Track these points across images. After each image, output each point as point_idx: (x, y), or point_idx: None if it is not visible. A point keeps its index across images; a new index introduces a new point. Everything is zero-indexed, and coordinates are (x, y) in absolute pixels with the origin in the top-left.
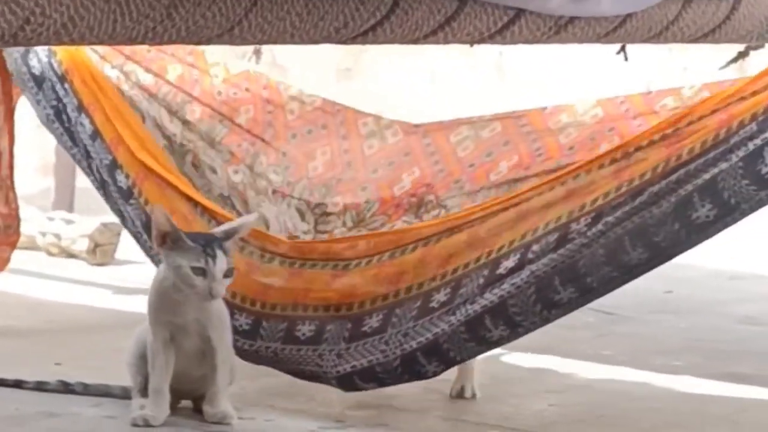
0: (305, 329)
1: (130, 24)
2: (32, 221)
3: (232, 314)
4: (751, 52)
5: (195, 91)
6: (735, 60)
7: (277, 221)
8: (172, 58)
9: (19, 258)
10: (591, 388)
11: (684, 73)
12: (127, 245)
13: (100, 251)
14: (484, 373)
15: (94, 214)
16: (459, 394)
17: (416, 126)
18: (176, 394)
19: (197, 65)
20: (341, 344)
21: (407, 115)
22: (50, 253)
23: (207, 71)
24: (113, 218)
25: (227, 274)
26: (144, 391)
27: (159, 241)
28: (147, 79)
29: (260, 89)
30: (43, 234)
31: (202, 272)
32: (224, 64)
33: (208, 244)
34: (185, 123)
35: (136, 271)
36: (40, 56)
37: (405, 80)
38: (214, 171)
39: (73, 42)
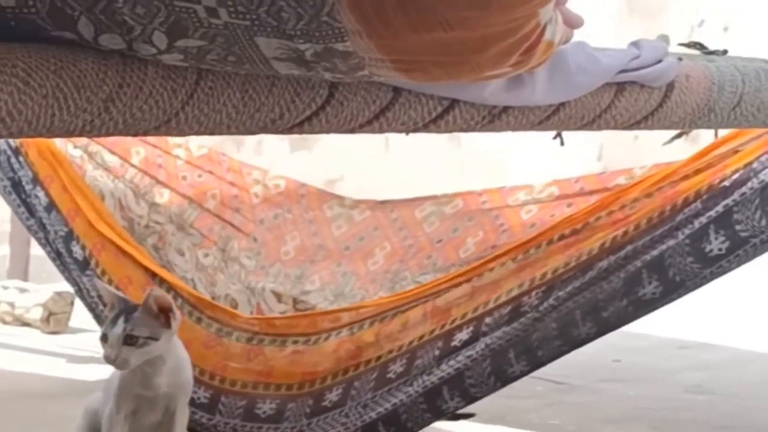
0: (266, 407)
1: (68, 118)
2: None
3: None
4: None
5: (160, 176)
6: (678, 136)
7: (249, 304)
8: (134, 140)
9: None
10: None
11: (635, 141)
12: (81, 314)
13: (54, 320)
14: None
15: (49, 282)
16: None
17: (381, 202)
18: None
19: (159, 145)
20: (303, 420)
21: (362, 183)
22: (4, 322)
23: (170, 152)
24: (67, 287)
25: (127, 341)
26: None
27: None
28: (113, 161)
29: (224, 172)
30: None
31: (105, 338)
32: (186, 144)
33: (121, 312)
34: (153, 205)
35: (90, 339)
36: None
37: (359, 148)
38: (181, 253)
39: (11, 135)
